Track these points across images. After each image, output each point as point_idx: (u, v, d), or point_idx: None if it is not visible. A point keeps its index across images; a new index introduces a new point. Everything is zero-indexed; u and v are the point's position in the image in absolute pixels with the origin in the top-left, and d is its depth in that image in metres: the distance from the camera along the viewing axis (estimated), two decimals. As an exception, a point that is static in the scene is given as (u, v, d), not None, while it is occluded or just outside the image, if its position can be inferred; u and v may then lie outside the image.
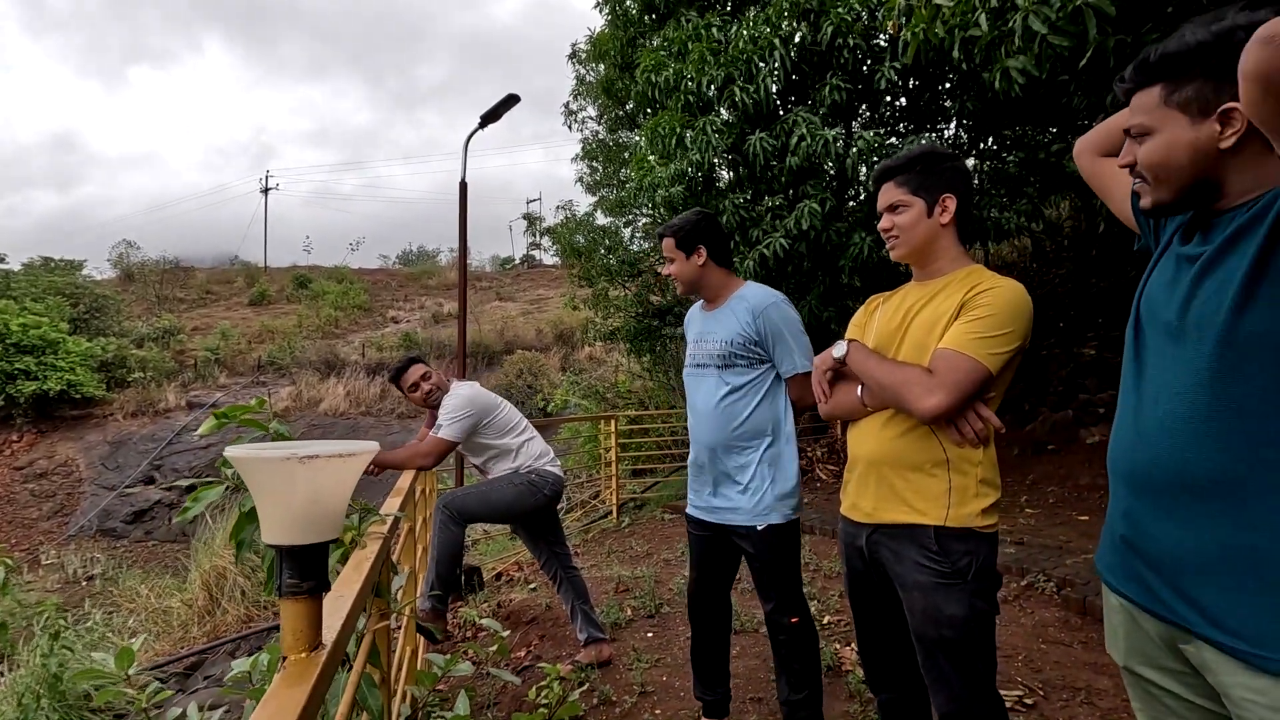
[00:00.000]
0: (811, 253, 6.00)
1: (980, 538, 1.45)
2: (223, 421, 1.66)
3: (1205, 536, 0.90)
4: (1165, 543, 0.95)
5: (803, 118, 5.51)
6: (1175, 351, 0.95)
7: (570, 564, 3.07)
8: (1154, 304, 1.01)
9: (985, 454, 1.46)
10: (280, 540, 0.84)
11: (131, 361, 18.33)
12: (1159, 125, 0.97)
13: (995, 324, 1.40)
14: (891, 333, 1.54)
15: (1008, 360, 1.43)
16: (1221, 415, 0.89)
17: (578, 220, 10.65)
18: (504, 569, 5.34)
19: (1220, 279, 0.90)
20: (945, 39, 3.53)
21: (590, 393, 11.43)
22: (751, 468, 1.97)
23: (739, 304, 2.03)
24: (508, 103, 5.06)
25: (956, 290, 1.48)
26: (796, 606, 2.01)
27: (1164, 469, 0.94)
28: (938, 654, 1.45)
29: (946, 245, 1.54)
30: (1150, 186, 1.00)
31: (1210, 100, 0.92)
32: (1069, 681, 2.51)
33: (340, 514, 0.89)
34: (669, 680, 2.81)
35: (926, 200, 1.52)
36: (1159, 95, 0.96)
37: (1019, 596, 3.39)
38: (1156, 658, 1.01)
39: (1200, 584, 0.91)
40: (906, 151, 1.57)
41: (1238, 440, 0.87)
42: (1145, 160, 0.99)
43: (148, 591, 7.02)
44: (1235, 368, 0.88)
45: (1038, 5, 3.06)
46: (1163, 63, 0.96)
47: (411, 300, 26.62)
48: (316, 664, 0.83)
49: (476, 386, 2.97)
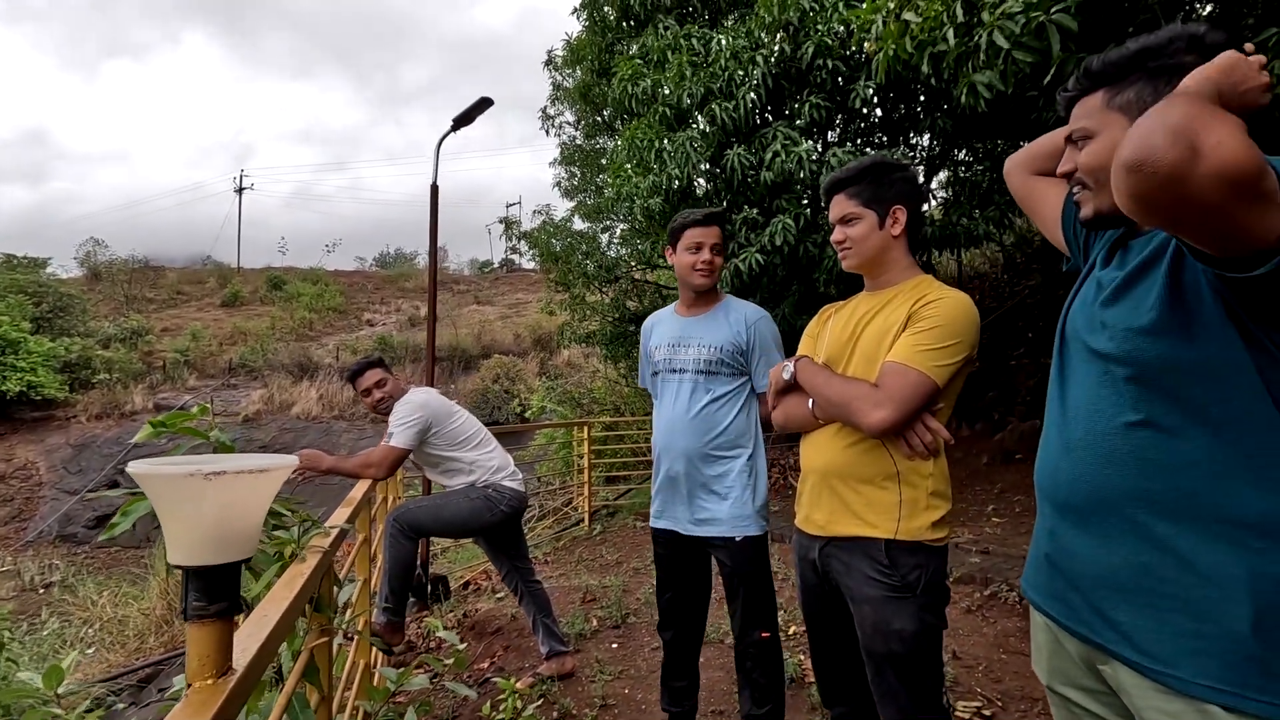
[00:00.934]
0: (787, 264, 6.03)
1: (930, 551, 1.45)
2: (159, 430, 1.60)
3: (1119, 556, 0.90)
4: (1084, 561, 0.95)
5: (781, 132, 5.54)
6: (1095, 372, 0.95)
7: (532, 578, 3.02)
8: (1075, 325, 1.01)
9: (936, 466, 1.46)
10: (186, 561, 0.79)
11: (97, 362, 17.88)
12: (1101, 128, 0.97)
13: (941, 336, 1.41)
14: (843, 343, 1.55)
15: (955, 371, 1.43)
16: (1138, 436, 0.89)
17: (555, 225, 10.61)
18: (472, 577, 5.27)
19: (1136, 301, 0.91)
20: (914, 55, 3.58)
21: (566, 398, 11.37)
22: (731, 477, 1.94)
23: (732, 312, 2.01)
24: (480, 106, 5.01)
25: (905, 301, 1.49)
26: (767, 621, 1.99)
27: (1085, 488, 0.94)
28: (886, 668, 1.45)
29: (897, 256, 1.56)
30: (1091, 193, 0.99)
31: (1149, 101, 0.92)
32: (1028, 692, 2.52)
33: (254, 532, 0.85)
34: (631, 693, 2.77)
35: (878, 212, 1.54)
36: (1101, 99, 0.97)
37: (982, 606, 3.41)
38: (1077, 678, 1.00)
39: (1115, 603, 0.90)
40: (856, 163, 1.58)
41: (1152, 461, 0.87)
42: (1087, 163, 0.98)
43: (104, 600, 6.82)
44: (1151, 389, 0.88)
45: (1002, 21, 3.10)
46: (1105, 68, 0.96)
47: (388, 303, 26.34)
48: (222, 692, 0.78)
49: (431, 392, 2.91)
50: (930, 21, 3.43)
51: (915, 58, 3.57)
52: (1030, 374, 7.01)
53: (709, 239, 1.98)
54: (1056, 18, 2.99)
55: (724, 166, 5.81)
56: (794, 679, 2.70)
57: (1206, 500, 0.84)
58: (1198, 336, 0.83)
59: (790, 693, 2.63)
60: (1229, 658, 0.80)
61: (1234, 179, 0.64)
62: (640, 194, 6.21)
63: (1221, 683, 0.80)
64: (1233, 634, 0.80)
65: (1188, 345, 0.84)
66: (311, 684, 1.42)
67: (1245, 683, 0.79)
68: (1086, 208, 1.00)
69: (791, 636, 3.23)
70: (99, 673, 5.21)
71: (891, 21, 3.64)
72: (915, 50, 3.55)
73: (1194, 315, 0.83)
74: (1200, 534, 0.84)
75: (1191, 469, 0.85)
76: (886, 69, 3.80)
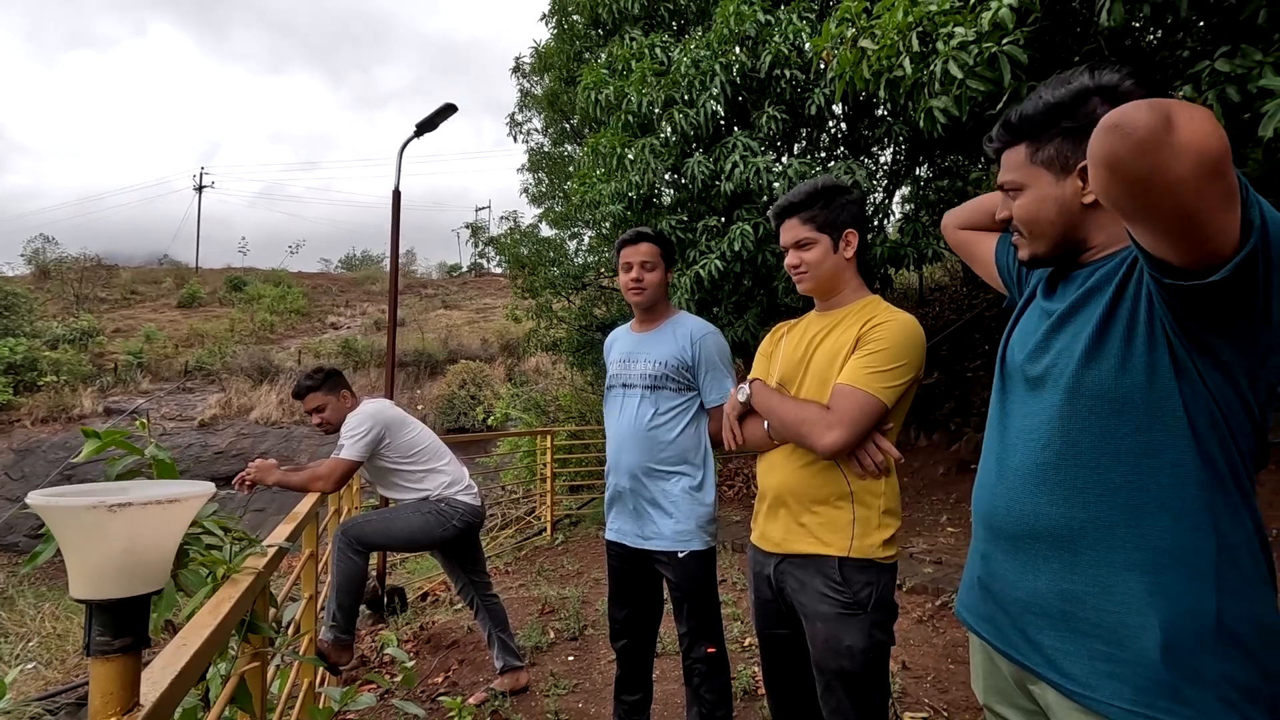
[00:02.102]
0: (748, 271, 6.10)
1: (881, 568, 1.49)
2: (97, 446, 1.54)
3: (1044, 582, 0.94)
4: (1013, 586, 0.98)
5: (741, 142, 5.60)
6: (1032, 400, 0.98)
7: (488, 592, 2.97)
8: (1014, 354, 1.04)
9: (888, 485, 1.50)
10: (90, 595, 0.77)
11: (44, 364, 17.18)
12: (1028, 181, 1.00)
13: (889, 358, 1.45)
14: (796, 363, 1.59)
15: (903, 392, 1.48)
16: (1067, 465, 0.92)
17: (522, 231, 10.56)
18: (431, 588, 5.19)
19: (1073, 332, 0.94)
20: (870, 80, 3.66)
21: (531, 406, 11.30)
22: (676, 493, 1.96)
23: (678, 328, 2.03)
24: (445, 112, 4.96)
25: (854, 322, 1.53)
26: (713, 635, 2.00)
27: (1016, 515, 0.97)
28: (836, 685, 1.48)
29: (849, 278, 1.60)
30: (1026, 240, 1.03)
31: (1069, 158, 0.96)
32: (973, 702, 2.57)
33: (164, 564, 0.82)
34: (585, 707, 2.76)
35: (831, 236, 1.57)
36: (1025, 154, 1.00)
37: (933, 617, 3.47)
38: (1011, 696, 1.03)
39: (1041, 627, 0.94)
40: (806, 185, 1.59)
41: (1078, 490, 0.90)
42: (1019, 215, 1.03)
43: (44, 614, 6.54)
44: (1082, 419, 0.91)
45: (957, 52, 3.19)
46: (1023, 123, 0.99)
47: (353, 306, 25.86)
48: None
49: (384, 402, 2.85)
50: (887, 50, 3.52)
51: (872, 84, 3.66)
52: (987, 385, 7.16)
53: (637, 257, 2.02)
54: (1008, 49, 3.09)
55: (685, 174, 5.86)
56: (747, 691, 2.72)
57: (1123, 530, 0.87)
58: (1129, 367, 0.86)
59: (744, 704, 2.65)
60: (1140, 681, 0.84)
61: (1202, 151, 0.66)
62: (604, 201, 6.23)
63: (1134, 705, 0.84)
64: (1144, 659, 0.84)
65: (1120, 374, 0.87)
66: (243, 710, 1.39)
67: (1154, 704, 0.83)
68: (1024, 251, 1.05)
69: (748, 648, 3.25)
70: (36, 690, 5.00)
71: (848, 50, 3.72)
72: (872, 77, 3.64)
73: (1129, 345, 0.86)
74: (1117, 563, 0.87)
75: (1112, 497, 0.88)
76: (846, 89, 3.88)
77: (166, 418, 17.04)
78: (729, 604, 3.81)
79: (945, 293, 11.17)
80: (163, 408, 17.52)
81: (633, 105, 5.86)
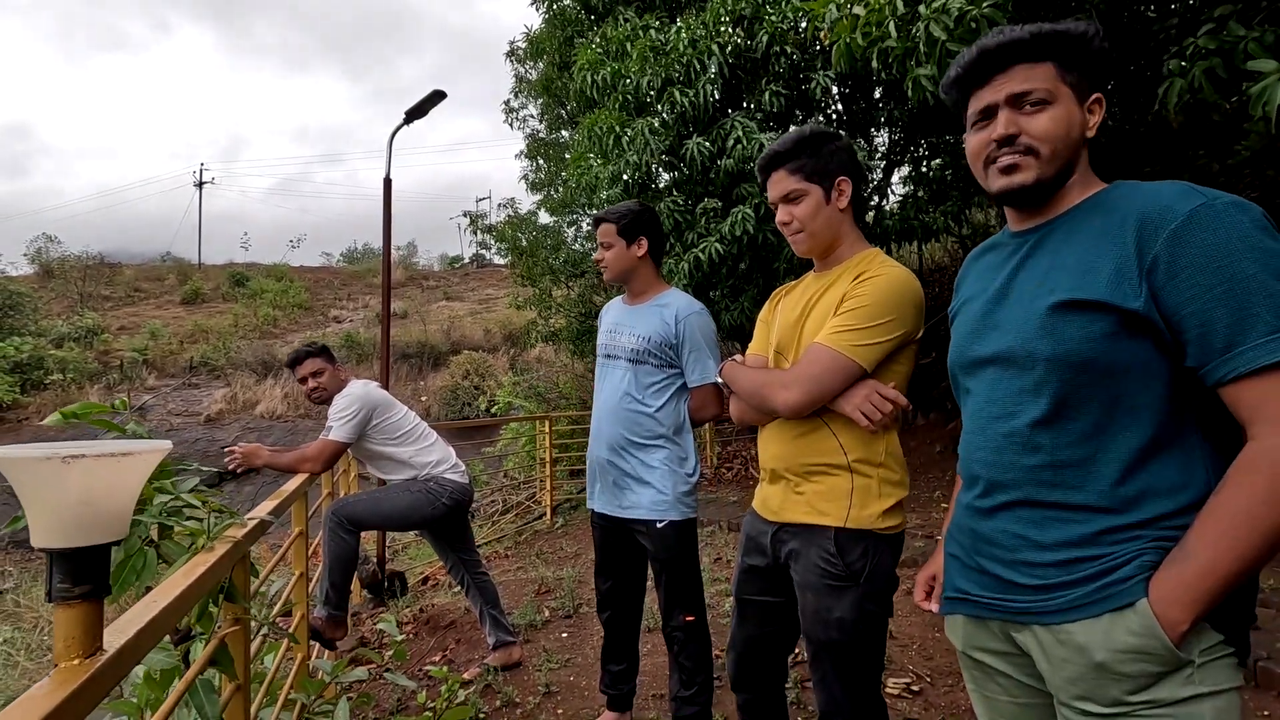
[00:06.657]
0: (748, 254, 6.09)
1: (879, 539, 1.42)
2: (70, 419, 1.58)
3: (1012, 529, 0.99)
4: (995, 536, 1.02)
5: (740, 122, 5.58)
6: (986, 378, 1.05)
7: (478, 569, 3.02)
8: (960, 355, 1.12)
9: (889, 454, 1.43)
10: (48, 543, 0.80)
11: (49, 363, 17.32)
12: (1060, 98, 0.95)
13: (867, 315, 1.37)
14: (791, 327, 1.52)
15: (887, 350, 1.38)
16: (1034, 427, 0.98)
17: (520, 219, 10.56)
18: (431, 573, 5.25)
19: (1021, 296, 1.01)
20: (864, 48, 3.65)
21: (532, 394, 11.34)
22: (654, 464, 1.99)
23: (664, 306, 2.04)
24: (433, 99, 4.96)
25: (846, 278, 1.45)
26: (692, 605, 2.03)
27: (984, 474, 1.04)
28: (824, 655, 1.45)
29: (846, 230, 1.51)
30: (1036, 160, 0.96)
31: (1085, 91, 0.97)
32: (955, 668, 2.60)
33: (123, 514, 0.86)
34: (575, 680, 2.80)
35: (822, 186, 1.47)
36: (1054, 71, 0.96)
37: (923, 588, 3.50)
38: (990, 643, 1.05)
39: (1012, 569, 0.99)
40: (791, 134, 1.49)
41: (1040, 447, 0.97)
42: (1045, 130, 0.95)
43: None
44: (1037, 387, 0.97)
45: (938, 14, 3.19)
46: (1056, 39, 0.95)
47: (355, 299, 25.91)
48: (87, 670, 0.79)
49: (371, 384, 2.89)
50: (876, 15, 3.51)
51: (867, 51, 3.66)
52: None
53: (599, 238, 2.09)
54: (988, 12, 3.09)
55: (683, 156, 5.85)
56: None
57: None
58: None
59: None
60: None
61: None
62: (601, 184, 6.22)
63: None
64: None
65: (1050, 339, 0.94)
66: (225, 673, 1.43)
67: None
68: (1027, 174, 0.97)
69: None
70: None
71: (846, 15, 3.72)
72: (866, 45, 3.64)
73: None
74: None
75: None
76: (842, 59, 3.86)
77: (173, 414, 17.17)
78: (722, 580, 3.86)
79: (945, 272, 11.11)
80: (169, 404, 17.65)
81: (630, 85, 5.82)
